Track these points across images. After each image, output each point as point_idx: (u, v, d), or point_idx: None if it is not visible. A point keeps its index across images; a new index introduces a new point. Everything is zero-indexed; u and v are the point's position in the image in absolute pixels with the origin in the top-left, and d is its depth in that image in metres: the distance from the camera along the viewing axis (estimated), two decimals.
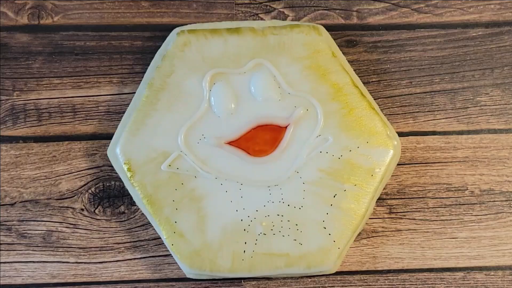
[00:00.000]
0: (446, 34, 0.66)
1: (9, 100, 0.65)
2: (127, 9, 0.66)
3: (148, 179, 0.61)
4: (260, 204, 0.62)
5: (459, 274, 0.65)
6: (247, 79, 0.62)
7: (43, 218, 0.64)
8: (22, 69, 0.65)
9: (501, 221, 0.65)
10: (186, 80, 0.62)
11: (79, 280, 0.64)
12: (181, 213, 0.61)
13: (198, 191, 0.62)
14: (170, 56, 0.62)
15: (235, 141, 0.62)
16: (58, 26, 0.66)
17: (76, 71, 0.66)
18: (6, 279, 0.64)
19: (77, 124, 0.65)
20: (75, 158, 0.65)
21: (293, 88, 0.62)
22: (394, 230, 0.65)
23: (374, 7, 0.67)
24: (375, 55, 0.66)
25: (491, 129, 0.66)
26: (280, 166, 0.62)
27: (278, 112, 0.62)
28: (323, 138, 0.62)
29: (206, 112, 0.62)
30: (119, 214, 0.65)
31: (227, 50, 0.62)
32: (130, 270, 0.64)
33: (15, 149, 0.65)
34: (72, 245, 0.64)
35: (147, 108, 0.62)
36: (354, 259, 0.65)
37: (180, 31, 0.63)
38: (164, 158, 0.61)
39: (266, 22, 0.64)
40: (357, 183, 0.62)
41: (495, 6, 0.67)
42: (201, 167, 0.61)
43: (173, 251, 0.61)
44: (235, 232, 0.61)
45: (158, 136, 0.62)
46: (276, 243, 0.61)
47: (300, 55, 0.62)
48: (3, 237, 0.64)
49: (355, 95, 0.62)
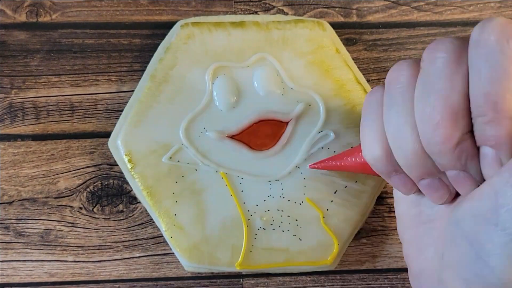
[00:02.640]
0: (446, 33, 0.66)
1: (7, 98, 0.65)
2: (126, 6, 0.66)
3: (148, 171, 0.61)
4: (260, 198, 0.61)
5: None
6: (250, 73, 0.62)
7: (41, 216, 0.64)
8: (20, 67, 0.65)
9: None
10: (189, 73, 0.62)
11: (77, 279, 0.64)
12: (181, 205, 0.61)
13: (198, 184, 0.61)
14: (174, 49, 0.62)
15: (237, 135, 0.62)
16: (56, 24, 0.66)
17: (75, 69, 0.65)
18: (4, 278, 0.63)
19: (75, 122, 0.65)
20: (73, 156, 0.65)
21: (295, 83, 0.62)
22: (393, 229, 0.65)
23: (373, 5, 0.67)
24: (375, 53, 0.66)
25: None
26: (281, 161, 0.62)
27: (280, 107, 0.62)
28: (325, 134, 0.62)
29: (208, 105, 0.62)
30: (118, 212, 0.64)
31: (231, 44, 0.62)
32: (129, 268, 0.64)
33: (13, 148, 0.65)
34: (70, 243, 0.64)
35: (149, 100, 0.62)
36: (353, 258, 0.65)
37: (184, 24, 0.63)
38: (165, 151, 0.61)
39: (270, 16, 0.64)
40: (358, 180, 0.62)
41: (495, 5, 0.67)
42: (202, 160, 0.61)
43: (172, 243, 0.61)
44: (234, 226, 0.61)
45: (159, 128, 0.61)
46: (276, 238, 0.61)
47: (304, 50, 0.62)
48: (1, 235, 0.64)
49: (358, 91, 0.62)
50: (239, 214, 0.61)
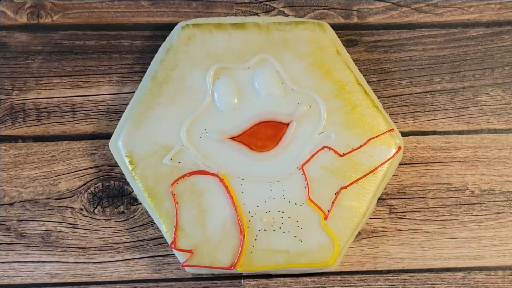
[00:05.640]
0: (446, 34, 0.66)
1: (8, 100, 0.65)
2: (127, 8, 0.66)
3: (149, 172, 0.61)
4: (261, 200, 0.62)
5: (459, 274, 0.65)
6: (250, 75, 0.62)
7: (42, 218, 0.64)
8: (21, 68, 0.65)
9: (501, 221, 0.65)
10: (190, 74, 0.62)
11: (78, 280, 0.64)
12: (182, 207, 0.61)
13: (199, 185, 0.61)
14: (174, 50, 0.62)
15: (238, 136, 0.62)
16: (57, 25, 0.66)
17: (76, 71, 0.65)
18: (5, 279, 0.63)
19: (76, 124, 0.65)
20: (74, 157, 0.65)
21: (296, 84, 0.62)
22: (394, 230, 0.65)
23: (374, 6, 0.67)
24: (376, 55, 0.66)
25: (491, 129, 0.66)
26: (282, 162, 0.62)
27: (281, 108, 0.62)
28: (325, 135, 0.62)
29: (209, 106, 0.62)
30: (119, 214, 0.64)
31: (232, 45, 0.62)
32: (130, 270, 0.64)
33: (14, 149, 0.65)
34: (71, 245, 0.64)
35: (150, 101, 0.62)
36: (354, 259, 0.65)
37: (185, 25, 0.63)
38: (166, 152, 0.61)
39: (271, 18, 0.64)
40: (359, 181, 0.62)
41: (496, 6, 0.67)
42: (203, 162, 0.61)
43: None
44: (235, 228, 0.61)
45: (160, 130, 0.62)
46: (276, 240, 0.61)
47: (304, 52, 0.62)
48: (2, 237, 0.64)
49: (358, 93, 0.62)
50: (240, 215, 0.61)
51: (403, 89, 0.66)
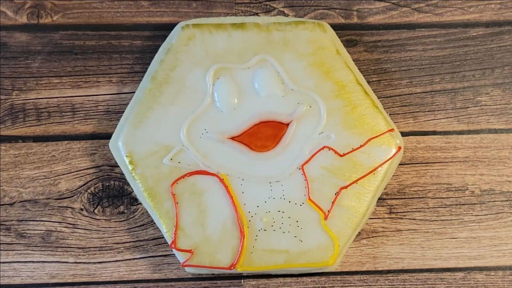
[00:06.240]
0: (446, 34, 0.66)
1: (8, 100, 0.65)
2: (127, 8, 0.66)
3: (149, 172, 0.61)
4: (261, 200, 0.62)
5: (459, 274, 0.65)
6: (250, 75, 0.62)
7: (42, 218, 0.64)
8: (21, 68, 0.65)
9: (501, 221, 0.65)
10: (190, 74, 0.62)
11: (78, 280, 0.64)
12: (182, 207, 0.61)
13: (199, 185, 0.61)
14: (174, 50, 0.62)
15: (238, 136, 0.62)
16: (57, 26, 0.66)
17: (76, 71, 0.65)
18: (5, 279, 0.63)
19: (76, 124, 0.65)
20: (74, 157, 0.65)
21: (296, 84, 0.62)
22: (394, 230, 0.65)
23: (374, 6, 0.67)
24: (376, 55, 0.66)
25: (491, 129, 0.66)
26: (282, 162, 0.62)
27: (281, 108, 0.62)
28: (325, 135, 0.62)
29: (209, 106, 0.62)
30: (119, 214, 0.64)
31: (231, 45, 0.62)
32: (130, 270, 0.64)
33: (14, 149, 0.65)
34: (71, 245, 0.64)
35: (150, 101, 0.62)
36: (354, 259, 0.65)
37: (184, 25, 0.63)
38: (166, 152, 0.61)
39: (271, 18, 0.64)
40: (359, 181, 0.62)
41: (496, 6, 0.67)
42: (203, 162, 0.61)
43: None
44: (235, 228, 0.61)
45: (160, 130, 0.62)
46: (276, 240, 0.61)
47: (304, 52, 0.62)
48: (2, 237, 0.64)
49: (358, 93, 0.62)
50: (240, 216, 0.61)
51: (403, 89, 0.66)
